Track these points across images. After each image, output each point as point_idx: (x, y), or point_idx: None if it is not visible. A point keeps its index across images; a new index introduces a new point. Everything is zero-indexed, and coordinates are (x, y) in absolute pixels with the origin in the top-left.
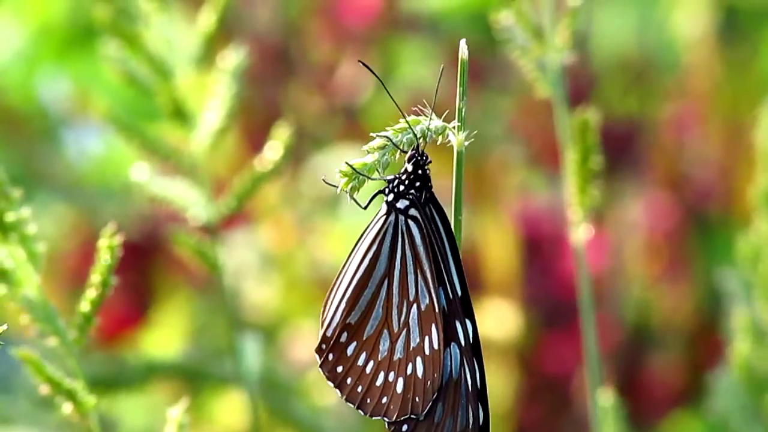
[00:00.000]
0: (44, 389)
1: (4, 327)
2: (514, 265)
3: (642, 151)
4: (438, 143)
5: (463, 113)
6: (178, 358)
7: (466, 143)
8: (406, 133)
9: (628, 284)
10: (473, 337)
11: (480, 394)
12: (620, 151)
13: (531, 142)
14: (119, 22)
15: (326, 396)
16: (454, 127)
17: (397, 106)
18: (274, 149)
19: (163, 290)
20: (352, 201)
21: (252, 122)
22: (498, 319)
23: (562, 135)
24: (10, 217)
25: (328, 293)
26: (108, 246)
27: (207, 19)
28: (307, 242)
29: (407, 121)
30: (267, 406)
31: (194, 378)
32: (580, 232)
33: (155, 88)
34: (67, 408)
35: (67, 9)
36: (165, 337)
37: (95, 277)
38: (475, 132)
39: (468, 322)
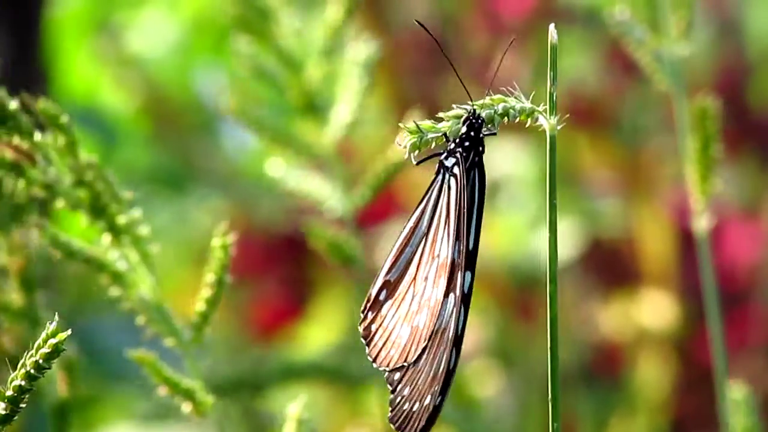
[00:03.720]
0: (162, 390)
1: None
2: (670, 256)
3: None
4: (527, 125)
5: (554, 98)
6: (326, 356)
7: (559, 127)
8: (488, 109)
9: None
10: (468, 288)
11: (457, 340)
12: None
13: None
14: (249, 17)
15: (481, 387)
16: (544, 110)
17: (459, 79)
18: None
19: (320, 283)
20: (410, 157)
21: (409, 114)
22: (655, 310)
23: (681, 126)
24: (121, 219)
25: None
26: (221, 245)
27: (336, 11)
28: None
29: (466, 100)
30: None
31: (337, 378)
32: (702, 221)
33: (285, 82)
34: (186, 408)
35: (221, 1)
36: (322, 330)
37: (210, 276)
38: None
39: (468, 274)
